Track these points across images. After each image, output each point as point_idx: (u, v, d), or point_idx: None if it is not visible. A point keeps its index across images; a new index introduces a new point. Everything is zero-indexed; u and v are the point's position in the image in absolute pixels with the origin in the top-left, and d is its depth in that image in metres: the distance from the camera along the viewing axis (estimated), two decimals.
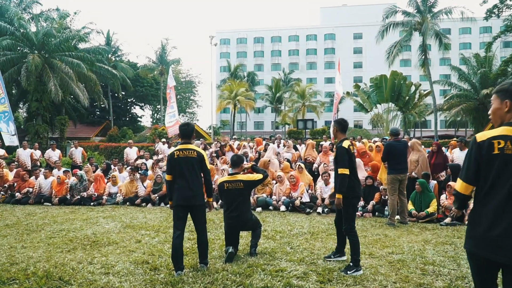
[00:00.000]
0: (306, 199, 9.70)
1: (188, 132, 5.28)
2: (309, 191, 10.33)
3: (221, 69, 78.22)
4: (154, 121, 62.00)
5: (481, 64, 34.54)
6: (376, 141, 15.02)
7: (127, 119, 51.88)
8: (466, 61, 35.40)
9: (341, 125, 5.43)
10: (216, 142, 15.68)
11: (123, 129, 38.67)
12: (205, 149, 15.02)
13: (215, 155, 14.35)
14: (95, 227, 8.02)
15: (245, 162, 6.62)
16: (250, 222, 5.88)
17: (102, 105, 37.46)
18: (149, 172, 12.50)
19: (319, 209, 9.30)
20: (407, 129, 26.02)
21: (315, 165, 12.02)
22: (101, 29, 49.59)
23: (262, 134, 52.33)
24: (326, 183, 9.95)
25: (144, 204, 10.67)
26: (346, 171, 5.13)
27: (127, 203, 10.89)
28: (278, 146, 15.23)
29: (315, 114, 51.41)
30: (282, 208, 9.60)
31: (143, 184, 11.11)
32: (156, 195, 10.79)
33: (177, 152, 5.17)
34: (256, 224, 6.03)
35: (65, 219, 8.88)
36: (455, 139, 13.43)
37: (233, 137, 17.98)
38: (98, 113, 46.85)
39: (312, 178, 10.85)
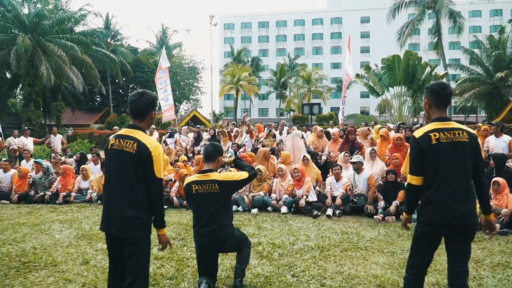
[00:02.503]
0: (313, 198, 7.84)
1: (137, 107, 3.10)
2: (317, 187, 8.48)
3: (225, 54, 76.48)
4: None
5: (495, 46, 32.65)
6: (391, 128, 13.18)
7: None
8: (479, 44, 33.57)
9: (437, 94, 3.10)
10: (210, 129, 13.85)
11: (122, 116, 37.25)
12: (198, 137, 13.22)
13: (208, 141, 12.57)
14: (42, 236, 6.26)
15: (238, 154, 4.75)
16: (232, 240, 4.00)
17: (102, 91, 36.03)
18: None
19: (329, 211, 7.46)
20: (416, 115, 24.31)
21: (323, 157, 10.17)
22: (99, 12, 47.91)
23: (266, 121, 50.48)
24: (337, 178, 8.08)
25: None
26: (411, 179, 3.09)
27: (98, 202, 9.12)
28: (281, 134, 13.41)
29: (321, 100, 49.52)
30: (283, 209, 7.76)
31: None
32: None
33: (112, 140, 3.13)
34: (242, 242, 4.15)
35: (12, 223, 7.12)
36: (487, 123, 11.55)
37: (232, 122, 16.08)
38: (98, 99, 45.59)
39: (320, 172, 8.95)
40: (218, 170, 4.13)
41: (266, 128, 13.66)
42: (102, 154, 12.15)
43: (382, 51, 64.11)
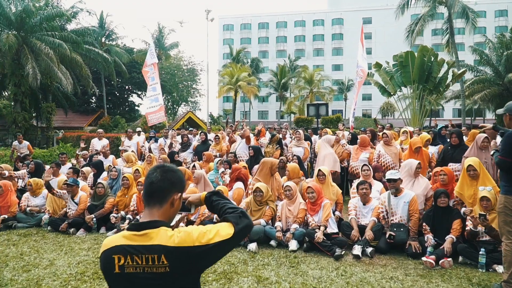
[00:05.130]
0: (332, 229, 5.68)
1: None
2: (336, 212, 6.34)
3: (224, 56, 74.97)
4: None
5: (506, 46, 30.90)
6: (413, 131, 11.02)
7: (126, 108, 49.13)
8: (488, 43, 32.01)
9: None
10: (201, 133, 11.67)
11: (116, 118, 35.70)
12: (188, 141, 11.12)
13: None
14: None
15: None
16: None
17: (94, 92, 34.40)
18: (104, 175, 8.61)
19: (357, 249, 5.29)
20: (422, 119, 22.49)
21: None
22: (92, 10, 45.99)
23: (266, 124, 48.47)
24: (365, 200, 5.93)
25: (72, 230, 6.73)
26: None
27: (48, 228, 6.99)
28: (284, 138, 11.25)
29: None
30: (293, 244, 5.60)
31: (72, 199, 7.12)
32: (93, 215, 6.85)
33: None
34: None
35: None
36: None
37: (230, 124, 13.76)
38: (93, 101, 44.41)
39: (341, 191, 6.73)
40: (173, 222, 2.01)
41: (267, 132, 11.53)
42: (68, 164, 10.02)
43: (384, 52, 62.47)
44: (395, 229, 5.50)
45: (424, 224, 5.50)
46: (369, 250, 5.31)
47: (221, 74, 47.53)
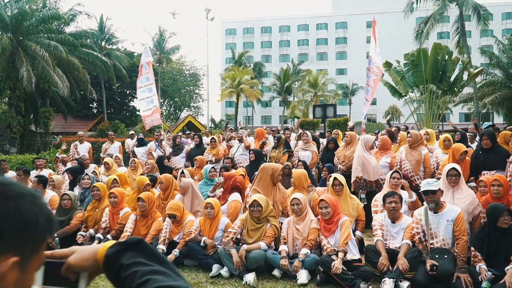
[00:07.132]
0: (354, 254, 4.37)
1: None
2: (357, 232, 5.02)
3: (227, 60, 74.31)
4: None
5: None
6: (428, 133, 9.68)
7: (127, 113, 48.58)
8: (499, 44, 31.31)
9: None
10: (195, 136, 10.39)
11: (115, 123, 35.03)
12: (181, 144, 9.91)
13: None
14: None
15: None
16: None
17: (93, 97, 33.74)
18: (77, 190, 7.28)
19: (387, 283, 3.96)
20: (433, 122, 21.29)
21: (340, 166, 6.91)
22: (91, 13, 45.31)
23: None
24: (394, 216, 4.62)
25: None
26: None
27: None
28: (289, 140, 9.99)
29: None
30: (302, 276, 4.28)
31: None
32: (56, 233, 5.60)
33: None
34: None
35: None
36: None
37: (230, 127, 12.49)
38: (94, 106, 43.77)
39: (363, 205, 5.30)
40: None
41: (270, 135, 10.30)
42: (48, 170, 8.78)
43: (388, 56, 61.26)
44: (437, 256, 4.17)
45: (472, 249, 4.22)
46: (404, 285, 4.00)
47: (223, 77, 46.71)
